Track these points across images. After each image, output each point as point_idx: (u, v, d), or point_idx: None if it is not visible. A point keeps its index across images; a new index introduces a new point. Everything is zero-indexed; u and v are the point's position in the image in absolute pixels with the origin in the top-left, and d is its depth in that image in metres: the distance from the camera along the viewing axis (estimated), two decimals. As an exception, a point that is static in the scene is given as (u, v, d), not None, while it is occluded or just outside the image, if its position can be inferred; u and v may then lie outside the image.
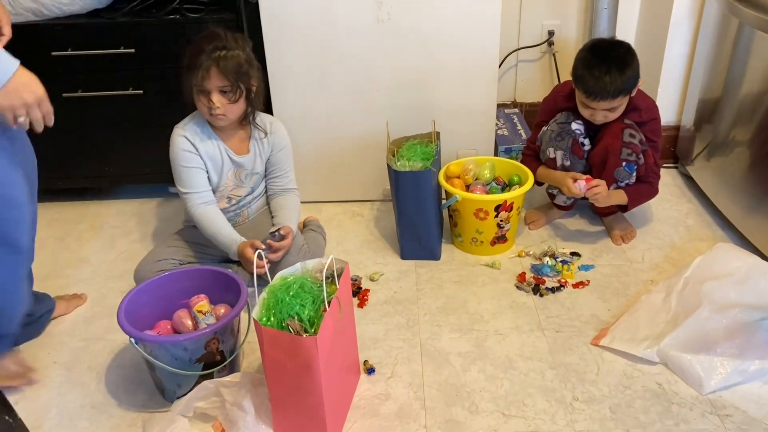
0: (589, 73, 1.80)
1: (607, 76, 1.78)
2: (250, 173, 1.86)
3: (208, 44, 1.66)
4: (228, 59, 1.66)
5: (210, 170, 1.80)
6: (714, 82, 2.11)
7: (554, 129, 1.95)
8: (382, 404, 1.48)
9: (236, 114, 1.75)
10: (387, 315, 1.75)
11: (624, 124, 1.88)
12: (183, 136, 1.76)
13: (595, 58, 1.82)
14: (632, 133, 1.87)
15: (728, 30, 2.00)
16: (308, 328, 1.30)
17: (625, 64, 1.79)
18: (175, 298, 1.57)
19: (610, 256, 1.95)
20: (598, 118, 1.88)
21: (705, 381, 1.47)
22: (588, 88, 1.82)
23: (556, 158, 1.96)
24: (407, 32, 2.00)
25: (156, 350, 1.43)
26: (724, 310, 1.56)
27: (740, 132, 1.97)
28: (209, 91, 1.68)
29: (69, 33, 2.04)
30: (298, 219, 1.91)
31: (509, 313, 1.74)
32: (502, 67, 2.56)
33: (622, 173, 1.88)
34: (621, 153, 1.86)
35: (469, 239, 1.96)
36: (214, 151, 1.79)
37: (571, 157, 1.94)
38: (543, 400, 1.47)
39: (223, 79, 1.66)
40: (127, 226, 2.21)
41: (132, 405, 1.52)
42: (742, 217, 1.96)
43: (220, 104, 1.69)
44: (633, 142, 1.86)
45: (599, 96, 1.81)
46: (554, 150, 1.95)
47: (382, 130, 2.02)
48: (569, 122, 1.93)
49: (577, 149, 1.93)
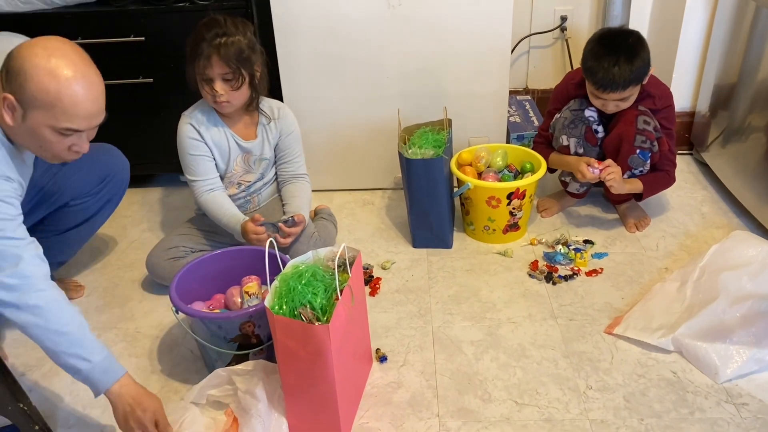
0: (598, 65, 1.78)
1: (615, 67, 1.75)
2: (259, 159, 1.85)
3: (208, 32, 1.65)
4: (228, 46, 1.65)
5: (217, 157, 1.80)
6: (730, 68, 2.08)
7: (567, 116, 1.93)
8: (395, 392, 1.48)
9: (240, 100, 1.74)
10: (399, 303, 1.75)
11: (638, 111, 1.85)
12: (189, 123, 1.76)
13: (604, 49, 1.79)
14: (646, 119, 1.84)
15: (745, 13, 1.96)
16: (320, 316, 1.29)
17: (634, 54, 1.76)
18: (239, 273, 1.59)
19: (623, 244, 1.94)
20: (610, 108, 1.85)
21: (721, 369, 1.45)
22: (597, 80, 1.79)
23: (569, 146, 1.94)
24: (419, 18, 1.98)
25: (195, 323, 1.47)
26: (740, 300, 1.54)
27: (756, 118, 1.94)
28: (212, 79, 1.67)
29: (79, 21, 2.04)
30: (310, 206, 1.91)
31: (522, 302, 1.73)
32: (514, 53, 2.53)
33: (637, 160, 1.86)
34: (635, 140, 1.84)
35: (482, 227, 1.95)
36: (220, 137, 1.79)
37: (585, 144, 1.92)
38: (556, 388, 1.46)
39: (225, 66, 1.66)
40: (138, 215, 2.21)
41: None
42: (758, 204, 1.94)
43: (223, 91, 1.68)
44: (647, 129, 1.84)
45: (609, 88, 1.78)
46: (567, 137, 1.93)
47: (394, 118, 2.01)
48: (582, 109, 1.91)
49: (590, 136, 1.91)
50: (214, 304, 1.60)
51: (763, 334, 1.48)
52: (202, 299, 1.60)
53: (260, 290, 1.55)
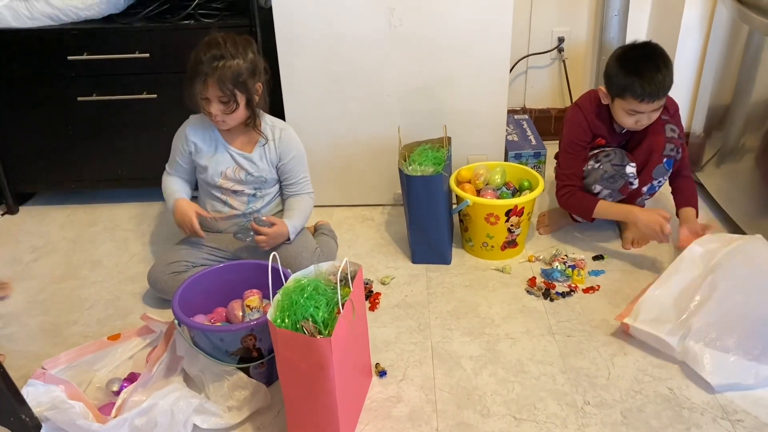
0: (639, 77, 1.76)
1: (659, 74, 1.76)
2: (254, 175, 1.86)
3: (206, 53, 1.68)
4: (225, 69, 1.67)
5: (206, 165, 1.84)
6: (724, 89, 2.12)
7: (607, 170, 1.90)
8: (394, 407, 1.49)
9: (237, 120, 1.78)
10: (398, 318, 1.76)
11: (663, 120, 1.88)
12: (187, 127, 1.84)
13: (639, 60, 1.79)
14: (672, 127, 1.88)
15: (738, 37, 2.01)
16: (322, 329, 1.31)
17: (667, 59, 1.80)
18: (241, 287, 1.61)
19: (620, 262, 1.96)
20: (644, 122, 1.85)
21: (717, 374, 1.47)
22: (643, 91, 1.76)
23: (599, 194, 1.94)
24: (419, 38, 2.02)
25: (197, 336, 1.49)
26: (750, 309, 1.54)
27: (750, 138, 1.97)
28: (209, 100, 1.71)
29: (85, 37, 2.07)
30: (304, 217, 1.90)
31: (520, 318, 1.75)
32: (513, 73, 2.57)
33: (661, 170, 1.89)
34: (665, 149, 1.86)
35: (480, 244, 1.97)
36: (211, 147, 1.84)
37: (616, 195, 1.94)
38: (554, 404, 1.48)
39: (219, 90, 1.69)
40: (141, 229, 2.23)
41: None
42: (752, 222, 1.96)
43: (218, 112, 1.72)
44: (674, 137, 1.87)
45: (655, 96, 1.77)
46: (602, 189, 1.92)
47: (394, 135, 2.04)
48: (624, 165, 1.89)
49: (624, 189, 1.93)
50: (215, 318, 1.61)
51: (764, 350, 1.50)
52: (204, 312, 1.62)
53: (261, 304, 1.57)
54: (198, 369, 1.49)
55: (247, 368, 1.49)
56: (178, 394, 1.37)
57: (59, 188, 2.37)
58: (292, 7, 1.99)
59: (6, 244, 2.18)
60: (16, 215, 2.35)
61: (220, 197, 1.88)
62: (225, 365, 1.47)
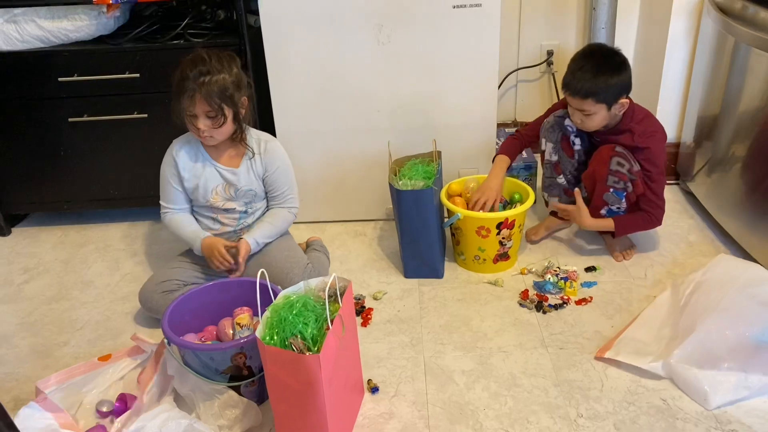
0: (568, 67, 1.86)
1: (579, 72, 1.81)
2: (243, 190, 1.86)
3: (192, 69, 1.68)
4: (212, 84, 1.68)
5: (195, 185, 1.84)
6: (712, 100, 2.13)
7: (550, 120, 2.00)
8: (387, 423, 1.48)
9: (224, 135, 1.78)
10: (390, 334, 1.76)
11: (613, 152, 1.87)
12: (171, 154, 1.84)
13: (581, 54, 1.87)
14: (620, 161, 1.86)
15: (724, 48, 2.02)
16: (311, 346, 1.30)
17: (601, 69, 1.80)
18: (232, 305, 1.61)
19: (612, 273, 1.96)
20: (575, 118, 1.91)
21: (710, 396, 1.46)
22: (564, 80, 1.86)
23: (546, 150, 2.01)
24: (407, 54, 2.03)
25: (187, 355, 1.48)
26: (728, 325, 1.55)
27: (739, 148, 1.98)
28: (196, 116, 1.71)
29: (75, 59, 2.08)
30: (272, 229, 1.88)
31: (512, 331, 1.74)
32: (503, 87, 2.59)
33: (611, 198, 1.91)
34: (607, 180, 1.88)
35: (472, 257, 1.97)
36: (198, 167, 1.83)
37: (560, 152, 1.98)
38: (547, 417, 1.47)
39: (206, 105, 1.69)
40: (132, 248, 2.23)
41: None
42: (743, 231, 1.97)
43: (206, 128, 1.73)
44: (620, 171, 1.86)
45: (567, 89, 1.85)
46: (546, 141, 2.00)
47: (384, 150, 2.04)
48: (564, 117, 1.97)
49: (566, 145, 1.97)
50: (206, 336, 1.61)
51: (751, 360, 1.50)
52: (194, 331, 1.61)
53: (252, 321, 1.56)
54: (189, 388, 1.48)
55: (238, 386, 1.48)
56: (166, 416, 1.36)
57: (51, 209, 2.37)
58: (281, 25, 2.00)
59: (-2, 266, 2.18)
60: (8, 236, 2.34)
61: (211, 216, 1.88)
62: (216, 384, 1.46)
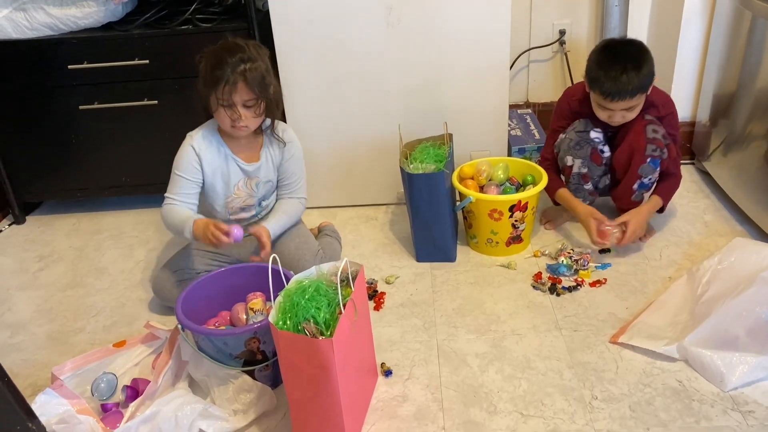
0: (605, 74, 1.78)
1: (624, 75, 1.76)
2: (263, 182, 1.83)
3: (232, 56, 1.61)
4: (254, 71, 1.62)
5: (217, 181, 1.77)
6: (728, 77, 2.09)
7: (573, 138, 1.93)
8: (400, 406, 1.48)
9: (257, 125, 1.73)
10: (403, 317, 1.75)
11: (646, 121, 1.86)
12: (191, 146, 1.72)
13: (610, 58, 1.80)
14: (655, 128, 1.86)
15: (741, 23, 1.98)
16: (324, 330, 1.30)
17: (640, 62, 1.78)
18: (244, 290, 1.61)
19: (627, 254, 1.94)
20: (616, 119, 1.86)
21: (727, 377, 1.45)
22: (605, 89, 1.79)
23: (573, 166, 1.95)
24: (418, 35, 2.01)
25: (201, 340, 1.49)
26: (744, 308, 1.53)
27: (756, 126, 1.95)
28: (234, 104, 1.64)
29: (84, 46, 2.08)
30: (286, 219, 1.83)
31: (526, 313, 1.73)
32: (514, 67, 2.56)
33: (647, 169, 1.87)
34: (646, 149, 1.85)
35: (484, 240, 1.96)
36: (221, 162, 1.76)
37: (590, 164, 1.93)
38: (562, 399, 1.46)
39: (250, 92, 1.63)
40: (145, 235, 2.24)
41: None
42: (759, 211, 1.94)
43: (245, 117, 1.66)
44: (657, 138, 1.85)
45: (617, 96, 1.79)
46: (573, 158, 1.94)
47: (395, 134, 2.03)
48: (588, 131, 1.91)
49: (596, 157, 1.92)
50: (219, 321, 1.61)
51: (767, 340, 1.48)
52: (208, 317, 1.62)
53: (265, 306, 1.56)
54: (203, 373, 1.49)
55: (252, 371, 1.49)
56: (181, 400, 1.37)
57: (64, 197, 2.38)
58: (289, 8, 1.99)
59: (13, 253, 2.20)
60: (22, 225, 2.36)
61: (228, 217, 1.83)
62: (230, 369, 1.47)
